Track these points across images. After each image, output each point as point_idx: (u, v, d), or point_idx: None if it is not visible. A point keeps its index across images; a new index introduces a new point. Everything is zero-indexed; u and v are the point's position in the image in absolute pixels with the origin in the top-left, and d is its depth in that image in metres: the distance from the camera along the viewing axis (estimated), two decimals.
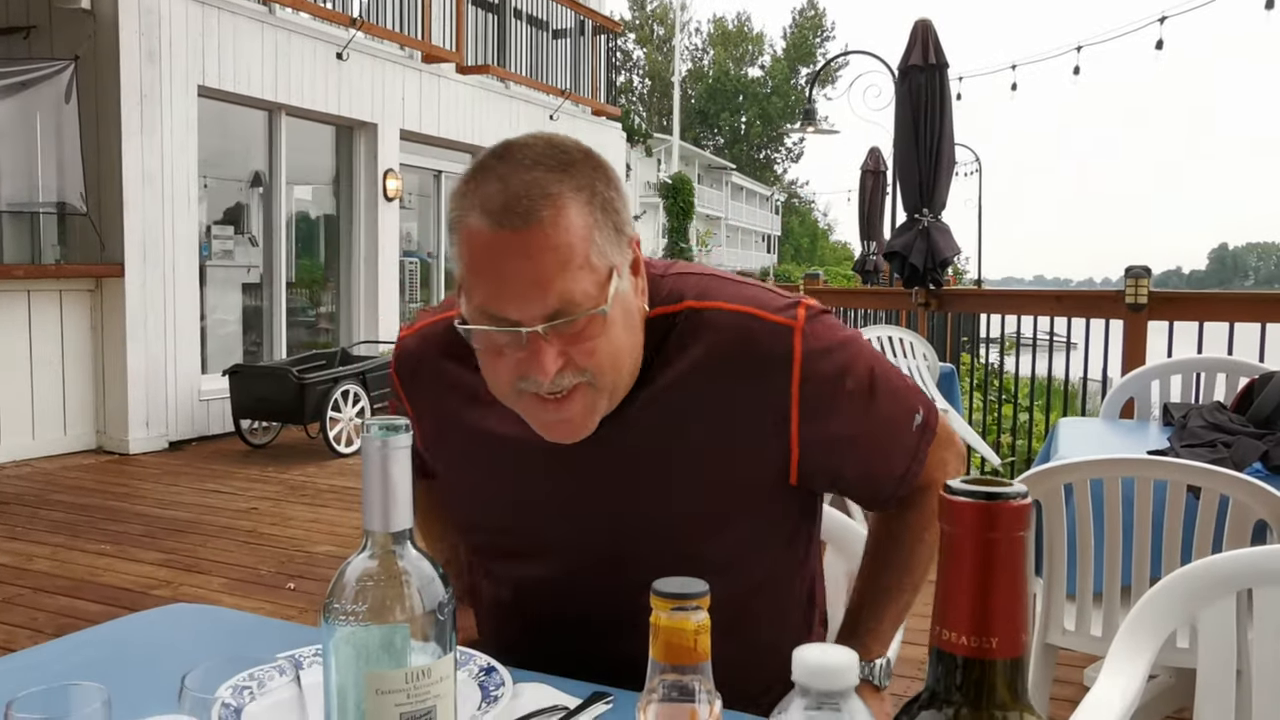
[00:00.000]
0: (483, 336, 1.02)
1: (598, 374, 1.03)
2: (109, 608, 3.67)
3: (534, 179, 0.98)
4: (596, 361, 1.02)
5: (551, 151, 1.01)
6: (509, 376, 1.04)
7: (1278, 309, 4.36)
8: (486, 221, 0.98)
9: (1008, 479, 0.45)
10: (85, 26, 6.63)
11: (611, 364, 1.04)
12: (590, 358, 1.02)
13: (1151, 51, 9.04)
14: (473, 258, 1.00)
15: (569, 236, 0.98)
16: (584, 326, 1.00)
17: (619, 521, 1.14)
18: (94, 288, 6.79)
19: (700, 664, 0.68)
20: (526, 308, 0.98)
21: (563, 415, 1.05)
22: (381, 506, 0.70)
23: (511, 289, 0.98)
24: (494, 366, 1.05)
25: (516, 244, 0.97)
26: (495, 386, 1.08)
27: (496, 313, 1.00)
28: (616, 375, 1.06)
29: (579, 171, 1.01)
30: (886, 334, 5.32)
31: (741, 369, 1.09)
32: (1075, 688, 2.83)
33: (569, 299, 0.98)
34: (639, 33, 45.04)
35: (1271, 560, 1.31)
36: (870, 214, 11.64)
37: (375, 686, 0.68)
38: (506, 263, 0.98)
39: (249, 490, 5.74)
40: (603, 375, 1.04)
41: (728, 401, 1.10)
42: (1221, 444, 2.30)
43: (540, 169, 0.99)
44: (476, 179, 1.01)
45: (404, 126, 9.27)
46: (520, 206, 0.97)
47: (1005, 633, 0.45)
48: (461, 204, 1.01)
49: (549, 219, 0.97)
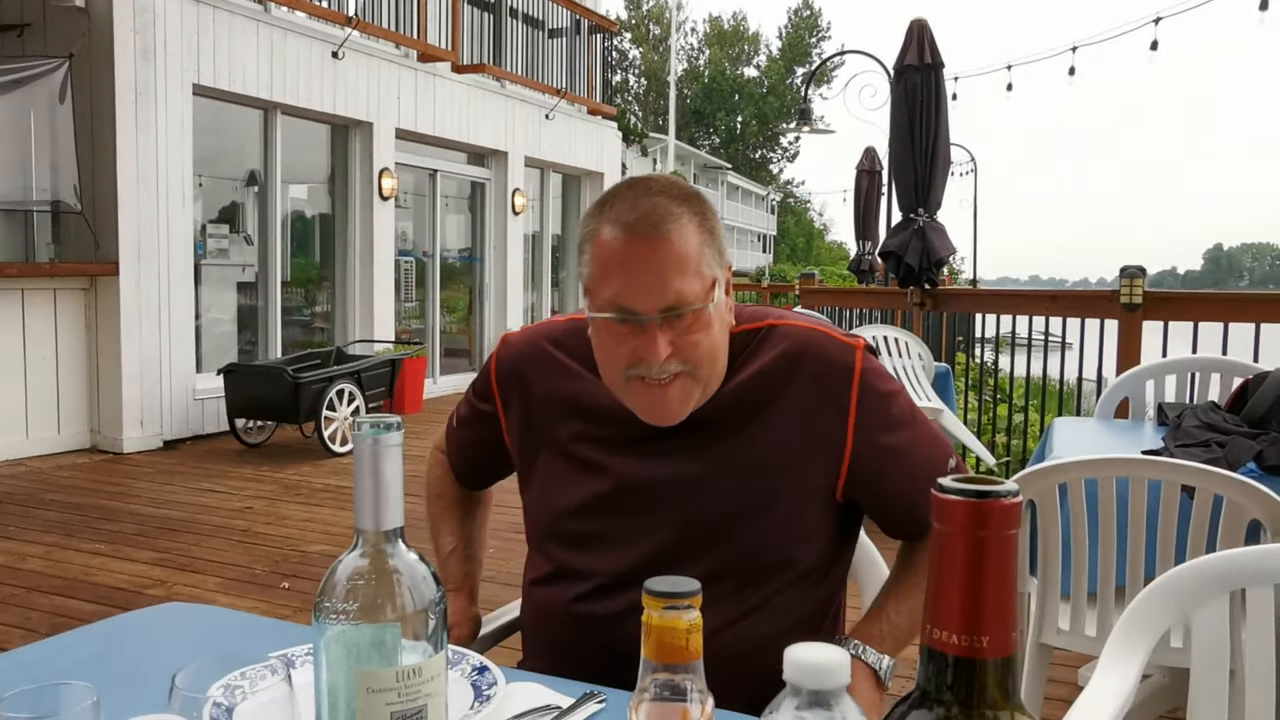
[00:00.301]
0: (607, 325, 1.23)
1: (697, 365, 1.23)
2: (103, 607, 3.66)
3: (660, 203, 1.21)
4: (698, 354, 1.23)
5: (672, 186, 1.25)
6: (623, 363, 1.23)
7: (1272, 309, 4.37)
8: (620, 231, 1.20)
9: (1000, 478, 0.45)
10: (80, 24, 6.61)
11: (709, 358, 1.24)
12: (694, 350, 1.22)
13: (1146, 52, 9.05)
14: (606, 260, 1.21)
15: (686, 248, 1.20)
16: (691, 321, 1.21)
17: (684, 511, 1.28)
18: (88, 286, 6.77)
19: (692, 663, 0.68)
20: (649, 300, 1.19)
21: (664, 399, 1.24)
22: (373, 505, 0.70)
23: (637, 285, 1.19)
24: (612, 353, 1.24)
25: (645, 249, 1.19)
26: (609, 372, 1.27)
27: (624, 304, 1.20)
28: (711, 369, 1.26)
29: (694, 204, 1.24)
30: (882, 333, 5.32)
31: (810, 373, 1.28)
32: (1070, 687, 2.83)
33: (682, 296, 1.20)
34: (635, 32, 45.02)
35: (1264, 560, 1.31)
36: (866, 214, 11.65)
37: (366, 685, 0.68)
38: (634, 264, 1.20)
39: (244, 489, 5.73)
40: (701, 367, 1.24)
41: (794, 402, 1.28)
42: (1216, 444, 2.31)
43: (664, 196, 1.22)
44: (610, 201, 1.24)
45: (399, 125, 9.26)
46: (650, 220, 1.20)
47: (996, 632, 0.44)
48: (595, 221, 1.24)
49: (672, 232, 1.20)
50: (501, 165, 10.95)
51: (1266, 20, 7.58)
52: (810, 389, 1.28)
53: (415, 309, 10.26)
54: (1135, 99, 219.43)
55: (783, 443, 1.27)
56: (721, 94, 47.01)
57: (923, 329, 6.41)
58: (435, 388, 10.12)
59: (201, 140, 7.36)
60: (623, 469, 1.30)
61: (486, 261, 11.05)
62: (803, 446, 1.27)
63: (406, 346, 8.85)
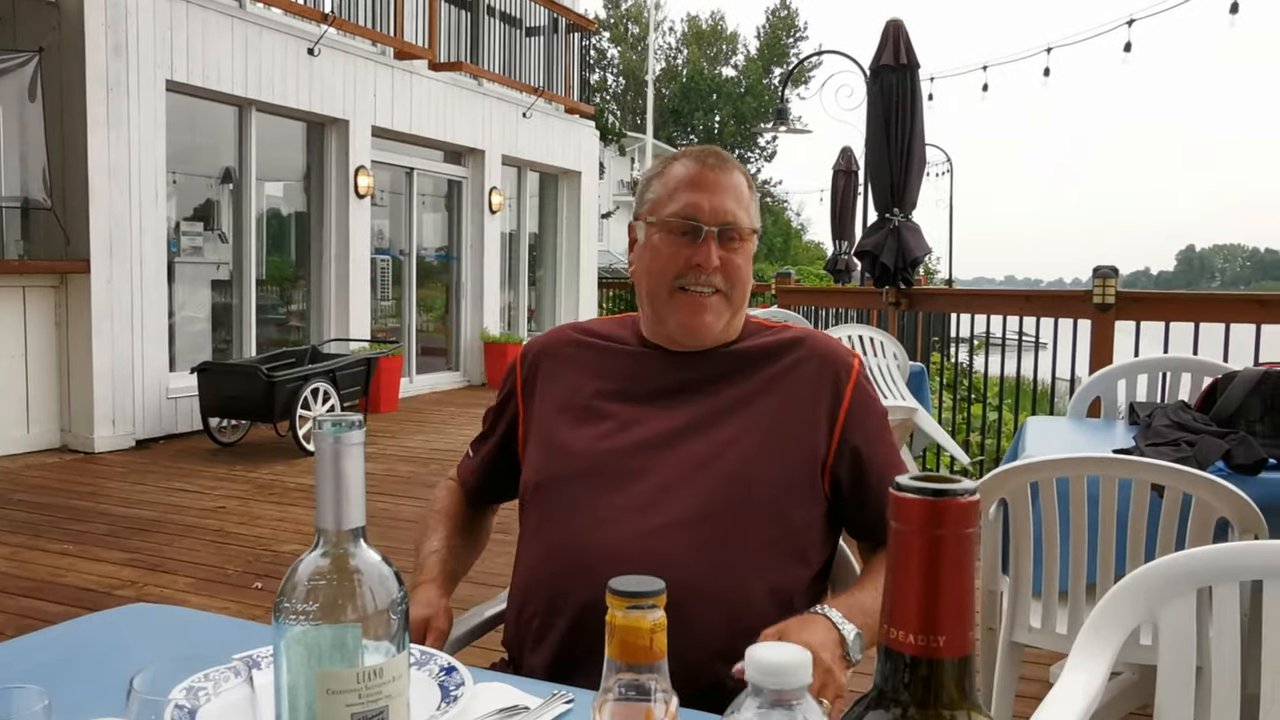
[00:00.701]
0: (666, 237, 1.42)
1: (734, 285, 1.42)
2: (71, 608, 3.61)
3: (724, 153, 1.46)
4: (738, 275, 1.42)
5: (728, 154, 1.48)
6: (675, 271, 1.41)
7: (1242, 309, 4.41)
8: (693, 162, 1.43)
9: (957, 476, 0.45)
10: (50, 18, 6.53)
11: (743, 284, 1.43)
12: (736, 271, 1.41)
13: (1120, 54, 9.13)
14: (676, 183, 1.42)
15: (743, 185, 1.44)
16: (739, 245, 1.42)
17: (691, 455, 1.38)
18: (58, 284, 6.69)
19: (656, 663, 0.68)
20: (713, 215, 1.40)
21: (703, 310, 1.41)
22: (334, 503, 0.69)
23: (705, 202, 1.40)
24: (667, 262, 1.41)
25: (712, 177, 1.42)
26: (658, 282, 1.43)
27: (691, 214, 1.40)
28: (742, 298, 1.44)
29: (743, 170, 1.48)
30: (858, 333, 5.34)
31: (818, 361, 1.44)
32: (1042, 685, 2.85)
33: (736, 219, 1.41)
34: (613, 31, 44.97)
35: (1230, 558, 1.32)
36: (842, 213, 11.69)
37: (326, 686, 0.67)
38: (703, 185, 1.41)
39: (216, 489, 5.68)
40: (736, 289, 1.42)
41: (800, 379, 1.43)
42: (1185, 443, 2.32)
43: (725, 154, 1.46)
44: (677, 154, 1.48)
45: (376, 123, 9.21)
46: (719, 156, 1.45)
47: (952, 631, 0.44)
48: (664, 164, 1.47)
49: (735, 171, 1.45)
50: (478, 164, 10.91)
51: (1237, 22, 7.67)
52: (814, 371, 1.43)
53: (391, 308, 10.20)
54: (1109, 100, 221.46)
55: (785, 409, 1.40)
56: (699, 93, 47.03)
57: (898, 328, 6.44)
58: (411, 386, 10.08)
59: (175, 137, 7.29)
60: (640, 416, 1.42)
61: (463, 260, 11.01)
62: (801, 417, 1.40)
63: (382, 345, 8.80)
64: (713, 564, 1.30)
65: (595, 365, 1.49)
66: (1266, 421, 2.40)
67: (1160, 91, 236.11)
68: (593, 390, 1.46)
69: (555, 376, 1.50)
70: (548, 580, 1.36)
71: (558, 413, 1.47)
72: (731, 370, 1.44)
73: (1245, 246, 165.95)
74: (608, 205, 23.88)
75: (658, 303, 1.44)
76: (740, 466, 1.36)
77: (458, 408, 9.24)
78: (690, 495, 1.34)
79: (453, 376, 10.91)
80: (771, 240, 52.50)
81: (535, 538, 1.42)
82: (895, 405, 4.98)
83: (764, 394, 1.42)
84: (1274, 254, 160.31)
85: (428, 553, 1.51)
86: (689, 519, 1.32)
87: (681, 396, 1.43)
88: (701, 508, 1.33)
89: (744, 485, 1.35)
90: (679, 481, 1.35)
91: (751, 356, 1.45)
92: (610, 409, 1.44)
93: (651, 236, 1.44)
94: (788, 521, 1.37)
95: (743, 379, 1.43)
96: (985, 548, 2.23)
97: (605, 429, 1.42)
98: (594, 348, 1.51)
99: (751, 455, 1.37)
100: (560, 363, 1.51)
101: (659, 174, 1.46)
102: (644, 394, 1.44)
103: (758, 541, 1.34)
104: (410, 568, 1.38)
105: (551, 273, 13.05)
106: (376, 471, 6.17)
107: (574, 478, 1.40)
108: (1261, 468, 2.17)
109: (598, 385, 1.46)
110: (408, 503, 5.36)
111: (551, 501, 1.41)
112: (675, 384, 1.44)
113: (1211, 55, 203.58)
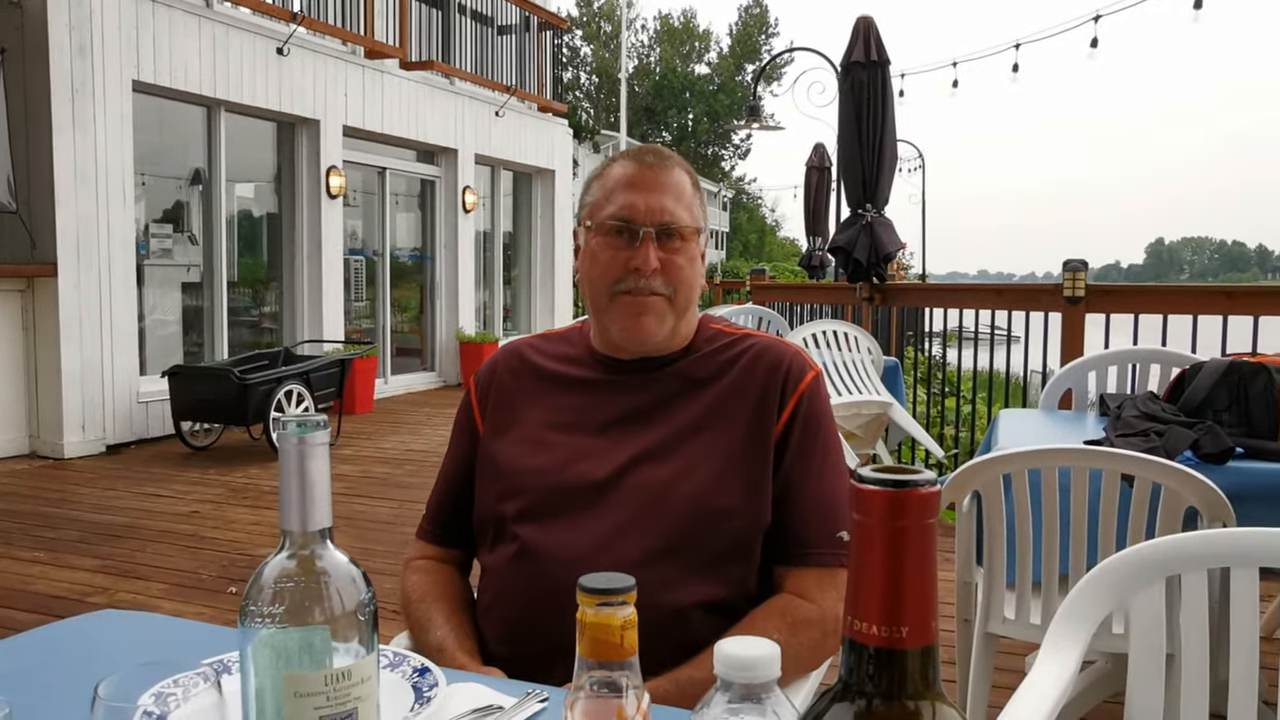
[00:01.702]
0: (604, 240, 1.37)
1: (677, 288, 1.37)
2: (42, 616, 3.57)
3: (663, 150, 1.43)
4: (680, 277, 1.37)
5: (669, 151, 1.44)
6: (614, 276, 1.36)
7: (1209, 301, 4.47)
8: (631, 162, 1.39)
9: (916, 468, 0.45)
10: (13, 19, 6.45)
11: (687, 286, 1.38)
12: (678, 273, 1.36)
13: (1087, 50, 9.21)
14: (614, 184, 1.38)
15: (684, 183, 1.40)
16: (680, 245, 1.37)
17: (642, 492, 1.33)
18: (25, 288, 6.60)
19: (628, 659, 0.67)
20: (649, 215, 1.35)
21: (644, 314, 1.36)
22: (299, 505, 0.69)
23: (641, 202, 1.36)
24: (605, 267, 1.37)
25: (650, 175, 1.37)
26: (598, 289, 1.38)
27: (626, 215, 1.36)
28: (686, 300, 1.39)
29: (686, 167, 1.44)
30: (832, 328, 5.36)
31: (770, 369, 1.39)
32: (1016, 675, 2.87)
33: (676, 219, 1.36)
34: (586, 29, 44.92)
35: (1198, 545, 1.33)
36: (816, 210, 11.74)
37: (294, 689, 0.66)
38: (639, 184, 1.37)
39: (190, 493, 5.63)
40: (679, 292, 1.37)
41: (745, 394, 1.38)
42: (1154, 433, 2.35)
43: (665, 152, 1.42)
44: (618, 155, 1.43)
45: (347, 123, 9.15)
46: (656, 154, 1.41)
47: (915, 622, 0.44)
48: (605, 165, 1.43)
49: (674, 168, 1.40)
50: (451, 163, 10.86)
51: (1201, 18, 7.76)
52: (766, 380, 1.37)
53: (365, 308, 10.15)
54: (1078, 96, 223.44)
55: (737, 429, 1.36)
56: (672, 91, 47.08)
57: (872, 323, 6.47)
58: (386, 388, 10.03)
59: (143, 138, 7.21)
60: (592, 450, 1.37)
61: (437, 260, 10.96)
62: (753, 435, 1.35)
63: (356, 346, 8.75)
64: (668, 600, 1.26)
65: (545, 396, 1.44)
66: (1233, 411, 2.43)
67: (1127, 87, 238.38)
68: (542, 422, 1.41)
69: (505, 406, 1.45)
70: (512, 622, 1.33)
71: (509, 446, 1.41)
72: (683, 389, 1.39)
73: (1213, 239, 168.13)
74: None
75: (600, 310, 1.40)
76: (694, 498, 1.31)
77: (433, 408, 9.20)
78: (644, 534, 1.30)
79: (428, 377, 10.87)
80: (746, 237, 52.64)
81: (495, 576, 1.37)
82: (869, 400, 5.00)
83: (717, 414, 1.37)
84: (1241, 246, 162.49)
85: (438, 639, 1.33)
86: (646, 557, 1.27)
87: (633, 425, 1.38)
88: (654, 548, 1.29)
89: (699, 518, 1.31)
90: (632, 520, 1.31)
91: (702, 375, 1.40)
92: (560, 443, 1.38)
93: (590, 241, 1.39)
94: (747, 551, 1.33)
95: (695, 399, 1.38)
96: (959, 540, 2.24)
97: (556, 463, 1.37)
98: (544, 375, 1.46)
99: (706, 485, 1.32)
100: (509, 393, 1.46)
101: (598, 176, 1.42)
102: (594, 425, 1.39)
103: (714, 576, 1.30)
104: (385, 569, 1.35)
105: (526, 272, 13.01)
106: (352, 474, 6.14)
107: (526, 518, 1.35)
108: (1229, 457, 2.20)
109: (547, 417, 1.41)
110: (384, 504, 5.33)
111: (504, 539, 1.37)
112: (626, 411, 1.39)
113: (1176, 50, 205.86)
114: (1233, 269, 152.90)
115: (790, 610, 1.30)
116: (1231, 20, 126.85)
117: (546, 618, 1.27)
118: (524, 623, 1.31)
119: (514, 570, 1.34)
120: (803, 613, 1.30)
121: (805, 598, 1.31)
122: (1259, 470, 2.18)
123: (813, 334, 5.27)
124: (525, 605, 1.31)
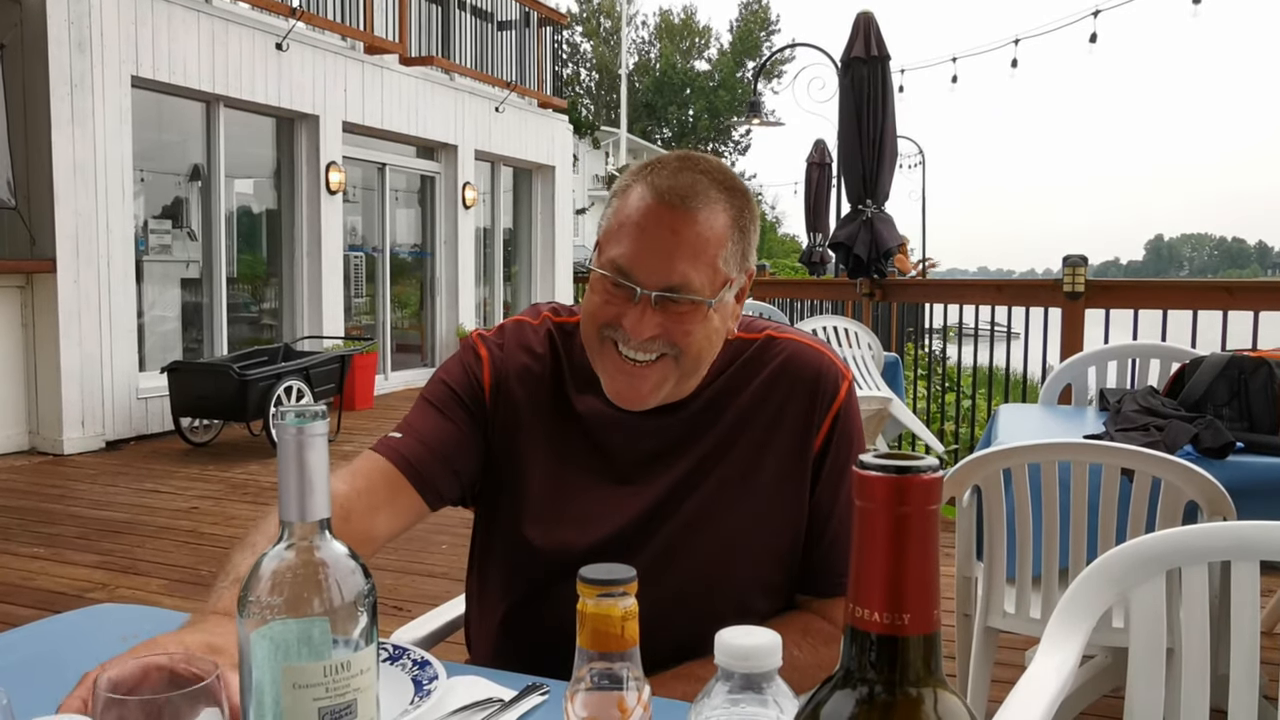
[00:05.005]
0: (601, 281, 1.16)
1: (685, 353, 1.16)
2: (42, 612, 3.57)
3: (701, 181, 1.15)
4: (689, 342, 1.15)
5: (722, 173, 1.18)
6: (604, 319, 1.16)
7: (1210, 297, 4.47)
8: (650, 193, 1.14)
9: (918, 454, 0.44)
10: (11, 14, 6.43)
11: (698, 351, 1.17)
12: (684, 338, 1.15)
13: (1086, 45, 9.20)
14: (625, 218, 1.15)
15: (709, 234, 1.13)
16: (687, 311, 1.14)
17: (664, 542, 1.22)
18: (24, 284, 6.59)
19: (628, 651, 0.67)
20: (652, 274, 1.12)
21: (639, 380, 1.17)
22: (298, 496, 0.68)
23: (647, 252, 1.12)
24: (597, 309, 1.17)
25: (667, 219, 1.12)
26: (587, 326, 1.20)
27: (626, 268, 1.13)
28: (698, 364, 1.19)
29: (735, 197, 1.17)
30: (832, 324, 5.36)
31: (799, 386, 1.24)
32: (1017, 670, 2.87)
33: (687, 281, 1.13)
34: (586, 25, 44.86)
35: (1198, 539, 1.33)
36: (816, 206, 11.74)
37: (293, 681, 0.66)
38: (651, 231, 1.13)
39: (189, 489, 5.63)
40: (688, 357, 1.17)
41: (778, 414, 1.23)
42: (1154, 428, 2.35)
43: (707, 178, 1.16)
44: (654, 164, 1.18)
45: (346, 119, 9.14)
46: (682, 193, 1.13)
47: (918, 609, 0.44)
48: (632, 177, 1.18)
49: (700, 211, 1.13)
50: (451, 159, 10.85)
51: (1200, 13, 7.75)
52: (796, 401, 1.23)
53: (365, 304, 10.14)
54: (1078, 91, 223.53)
55: (765, 456, 1.23)
56: (673, 87, 47.03)
57: (872, 319, 6.47)
58: (386, 384, 10.02)
59: (142, 134, 7.20)
60: (608, 506, 1.23)
61: (437, 256, 10.95)
62: (777, 456, 1.23)
63: (356, 342, 8.74)
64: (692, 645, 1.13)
65: (555, 439, 1.25)
66: (1233, 406, 2.43)
67: (1127, 82, 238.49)
68: (552, 471, 1.25)
69: (513, 426, 1.26)
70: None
71: (528, 507, 1.25)
72: (704, 425, 1.24)
73: (1213, 236, 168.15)
74: (582, 200, 23.81)
75: (591, 349, 1.21)
76: (718, 544, 1.22)
77: None
78: (668, 584, 1.17)
79: (428, 373, 10.79)
80: None
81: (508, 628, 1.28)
82: (870, 395, 5.00)
83: (747, 438, 1.23)
84: (1241, 243, 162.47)
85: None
86: (668, 608, 1.07)
87: (651, 470, 1.23)
88: (679, 594, 1.19)
89: (724, 563, 1.22)
90: (657, 572, 1.13)
91: (724, 402, 1.24)
92: (574, 496, 1.24)
93: (594, 268, 1.18)
94: (777, 592, 1.27)
95: (718, 428, 1.24)
96: (960, 534, 2.24)
97: (571, 520, 1.23)
98: (555, 399, 1.26)
99: (731, 527, 1.22)
100: (517, 408, 1.26)
101: (620, 193, 1.18)
102: (611, 474, 1.24)
103: (750, 611, 1.22)
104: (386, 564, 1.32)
105: (526, 268, 13.01)
106: None
107: (544, 580, 1.24)
108: (1229, 451, 2.19)
109: (558, 468, 1.25)
110: None
111: (521, 595, 1.27)
112: (643, 457, 1.24)
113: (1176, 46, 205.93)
114: (1232, 265, 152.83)
115: (814, 630, 1.25)
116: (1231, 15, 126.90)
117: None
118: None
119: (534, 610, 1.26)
120: (827, 633, 1.26)
121: (832, 623, 1.27)
122: (1259, 465, 2.18)
123: (813, 330, 5.26)
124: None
